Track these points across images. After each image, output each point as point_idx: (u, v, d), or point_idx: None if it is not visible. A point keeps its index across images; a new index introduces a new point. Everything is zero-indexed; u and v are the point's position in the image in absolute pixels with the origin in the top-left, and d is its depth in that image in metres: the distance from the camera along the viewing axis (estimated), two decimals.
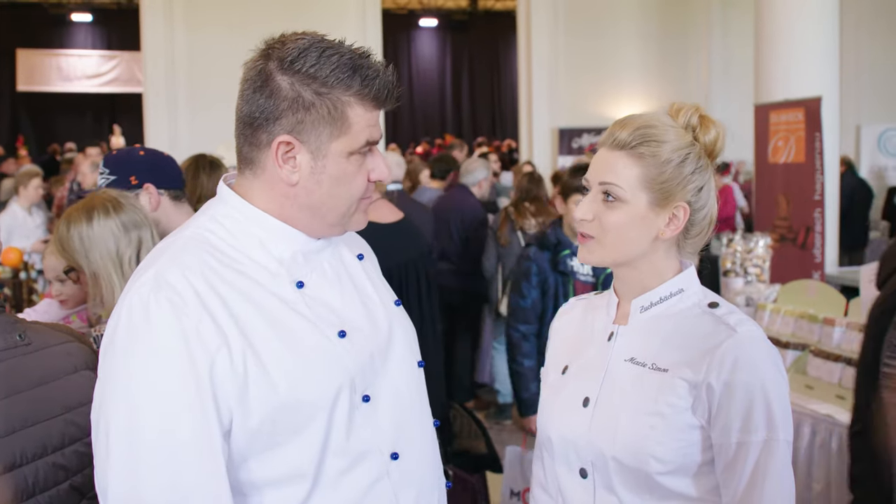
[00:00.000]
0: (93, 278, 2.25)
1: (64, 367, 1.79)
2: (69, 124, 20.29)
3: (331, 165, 1.43)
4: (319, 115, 1.40)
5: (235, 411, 1.35)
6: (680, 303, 1.62)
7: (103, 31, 20.47)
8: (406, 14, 21.14)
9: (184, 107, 11.08)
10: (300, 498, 1.40)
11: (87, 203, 2.32)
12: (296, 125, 1.40)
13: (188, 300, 1.34)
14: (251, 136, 1.44)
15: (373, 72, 1.42)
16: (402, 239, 3.51)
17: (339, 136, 1.42)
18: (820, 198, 6.45)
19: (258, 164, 1.45)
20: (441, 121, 22.94)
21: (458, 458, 3.68)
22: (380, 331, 1.55)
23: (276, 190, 1.45)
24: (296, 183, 1.43)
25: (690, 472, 1.55)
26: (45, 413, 1.71)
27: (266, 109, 1.40)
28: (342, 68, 1.39)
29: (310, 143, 1.41)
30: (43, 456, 1.69)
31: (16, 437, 1.65)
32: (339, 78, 1.39)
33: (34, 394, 1.71)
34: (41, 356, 1.76)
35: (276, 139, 1.41)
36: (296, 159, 1.42)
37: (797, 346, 3.79)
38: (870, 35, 12.02)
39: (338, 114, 1.40)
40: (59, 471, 1.72)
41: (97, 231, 2.25)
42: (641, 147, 1.56)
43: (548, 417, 1.70)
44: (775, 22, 6.93)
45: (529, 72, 12.17)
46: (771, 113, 6.88)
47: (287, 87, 1.39)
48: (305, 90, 1.39)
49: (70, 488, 1.74)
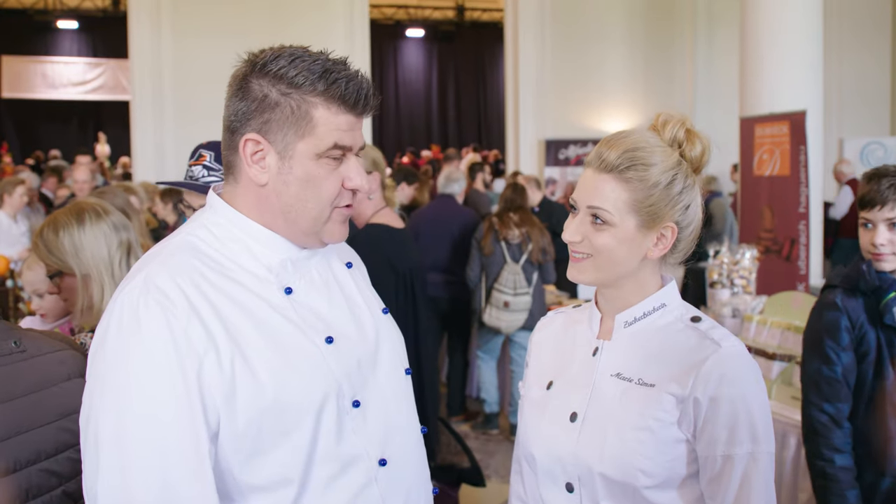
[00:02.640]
0: (83, 281, 2.24)
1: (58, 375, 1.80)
2: (54, 132, 20.17)
3: (297, 166, 1.44)
4: (284, 114, 1.42)
5: (223, 413, 1.36)
6: (662, 317, 1.64)
7: (89, 39, 20.37)
8: (393, 24, 21.18)
9: (170, 115, 11.05)
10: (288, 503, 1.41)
11: (74, 208, 2.32)
12: (262, 125, 1.43)
13: (177, 303, 1.36)
14: (230, 141, 1.48)
15: (342, 75, 1.44)
16: (412, 246, 3.58)
17: (304, 137, 1.43)
18: (805, 210, 6.51)
19: (236, 168, 1.48)
20: (427, 131, 22.96)
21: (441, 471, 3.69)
22: (367, 338, 1.57)
23: (252, 193, 1.48)
24: (265, 183, 1.46)
25: (675, 484, 1.57)
26: (40, 420, 1.71)
27: (240, 112, 1.44)
28: (310, 70, 1.42)
29: (276, 143, 1.43)
30: (36, 462, 1.70)
31: (11, 442, 1.65)
32: (307, 78, 1.42)
33: (29, 400, 1.71)
34: (36, 363, 1.77)
35: (242, 138, 1.44)
36: (265, 160, 1.45)
37: (783, 357, 3.82)
38: (852, 50, 12.17)
39: (301, 113, 1.42)
40: (52, 477, 1.72)
41: (89, 233, 2.25)
42: (629, 171, 1.56)
43: (533, 433, 1.70)
44: (760, 37, 7.01)
45: (516, 83, 12.22)
46: (756, 126, 6.94)
47: (257, 88, 1.43)
48: (272, 90, 1.42)
49: (63, 494, 1.75)
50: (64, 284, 2.31)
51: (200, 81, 10.60)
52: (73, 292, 2.28)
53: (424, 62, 22.90)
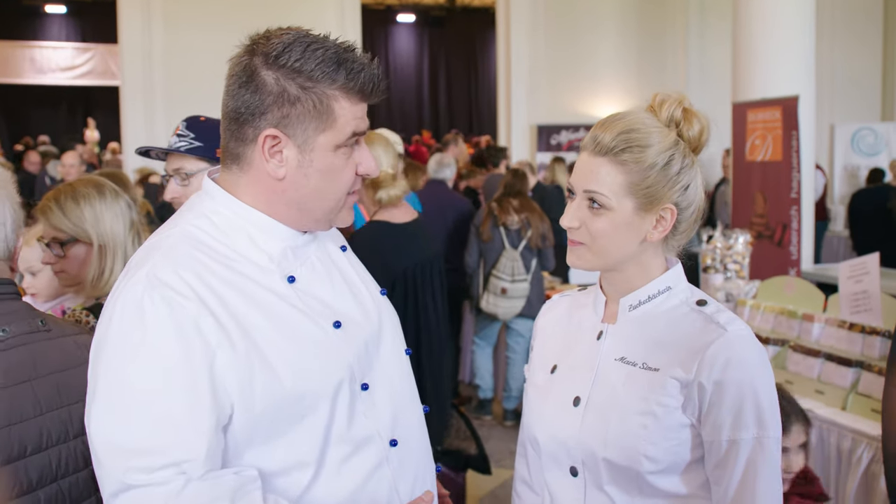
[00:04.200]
0: (99, 251, 2.25)
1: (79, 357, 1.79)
2: (43, 117, 20.03)
3: (318, 159, 1.44)
4: (305, 108, 1.41)
5: (238, 406, 1.36)
6: (668, 301, 1.62)
7: (77, 24, 20.21)
8: (384, 9, 21.07)
9: (161, 102, 10.99)
10: (303, 485, 1.42)
11: (92, 181, 2.32)
12: (281, 119, 1.41)
13: (187, 296, 1.34)
14: (237, 132, 1.45)
15: (358, 65, 1.43)
16: (420, 238, 3.51)
17: (326, 130, 1.43)
18: (796, 195, 6.52)
19: (245, 159, 1.46)
20: (418, 116, 22.90)
21: (447, 456, 3.70)
22: (371, 320, 1.57)
23: (263, 185, 1.46)
24: (283, 177, 1.44)
25: (680, 469, 1.56)
26: (66, 398, 1.71)
27: (252, 104, 1.41)
28: (327, 62, 1.40)
29: (296, 136, 1.42)
30: (66, 440, 1.70)
31: (43, 418, 1.66)
32: (325, 71, 1.40)
33: (56, 379, 1.71)
34: (60, 343, 1.77)
35: (262, 133, 1.42)
36: (283, 153, 1.43)
37: (777, 341, 3.84)
38: (844, 36, 12.19)
39: (323, 107, 1.41)
40: (80, 457, 1.72)
41: (109, 207, 2.27)
42: (625, 153, 1.54)
43: (536, 417, 1.69)
44: (753, 22, 7.01)
45: (508, 68, 12.19)
46: (748, 111, 6.95)
47: (272, 81, 1.40)
48: (291, 84, 1.40)
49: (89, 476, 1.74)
50: (70, 253, 2.28)
51: (190, 66, 10.54)
52: (78, 263, 2.27)
53: (416, 47, 22.82)
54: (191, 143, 2.47)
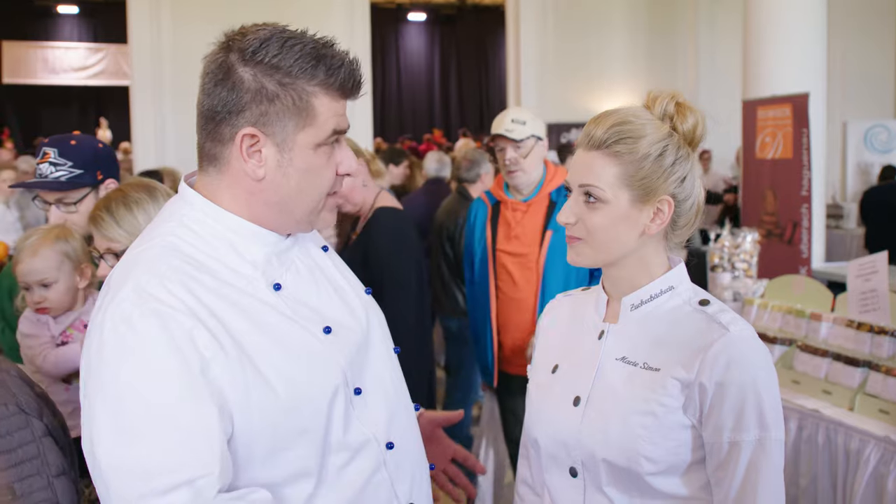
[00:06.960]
0: None
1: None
2: (55, 117, 20.13)
3: (298, 158, 1.40)
4: (284, 105, 1.37)
5: (237, 418, 1.31)
6: (670, 300, 1.60)
7: (89, 24, 20.33)
8: (394, 8, 21.08)
9: (170, 100, 10.99)
10: (306, 495, 1.38)
11: (142, 184, 2.18)
12: (260, 117, 1.37)
13: (178, 308, 1.29)
14: (213, 132, 1.41)
15: (337, 60, 1.40)
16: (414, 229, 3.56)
17: (305, 127, 1.39)
18: (807, 193, 6.47)
19: (222, 160, 1.41)
20: (429, 115, 22.91)
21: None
22: (359, 322, 1.54)
23: (242, 186, 1.41)
24: (262, 178, 1.40)
25: (680, 471, 1.54)
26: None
27: (228, 102, 1.37)
28: (305, 58, 1.37)
29: (275, 135, 1.38)
30: None
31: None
32: (303, 67, 1.37)
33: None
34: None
35: (239, 132, 1.38)
36: (261, 153, 1.39)
37: (784, 341, 3.80)
38: (856, 33, 12.08)
39: (303, 104, 1.38)
40: None
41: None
42: (617, 145, 1.54)
43: (537, 417, 1.68)
44: (763, 18, 6.96)
45: (518, 66, 12.17)
46: (759, 109, 6.90)
47: (249, 78, 1.36)
48: (269, 81, 1.36)
49: None
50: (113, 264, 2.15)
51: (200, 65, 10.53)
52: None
53: (426, 46, 22.83)
54: (70, 171, 2.39)
